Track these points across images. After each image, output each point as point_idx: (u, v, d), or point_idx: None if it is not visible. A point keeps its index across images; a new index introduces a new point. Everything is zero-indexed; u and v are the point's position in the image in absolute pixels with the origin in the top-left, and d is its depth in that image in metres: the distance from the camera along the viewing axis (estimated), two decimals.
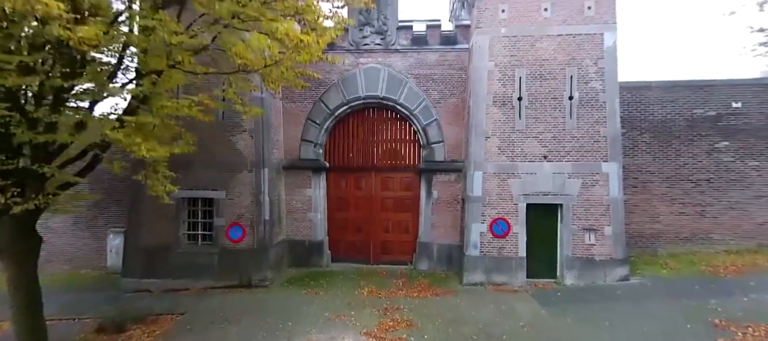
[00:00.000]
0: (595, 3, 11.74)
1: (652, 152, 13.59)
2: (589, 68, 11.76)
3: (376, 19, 13.93)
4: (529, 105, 11.96)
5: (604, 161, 11.69)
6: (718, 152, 13.37)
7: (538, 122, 11.91)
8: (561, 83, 11.85)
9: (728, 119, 13.32)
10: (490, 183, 12.01)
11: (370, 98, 14.07)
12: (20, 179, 6.26)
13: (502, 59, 12.05)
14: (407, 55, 13.94)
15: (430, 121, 13.85)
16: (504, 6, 12.04)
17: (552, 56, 11.87)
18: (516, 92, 12.00)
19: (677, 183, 13.52)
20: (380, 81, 13.96)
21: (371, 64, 14.00)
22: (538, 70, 11.93)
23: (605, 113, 11.71)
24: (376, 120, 14.64)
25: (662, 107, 13.53)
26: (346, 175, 14.81)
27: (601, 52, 11.74)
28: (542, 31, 11.90)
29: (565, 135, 11.81)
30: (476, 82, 12.26)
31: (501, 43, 12.06)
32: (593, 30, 11.75)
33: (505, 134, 12.03)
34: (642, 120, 13.63)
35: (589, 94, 11.76)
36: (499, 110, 12.06)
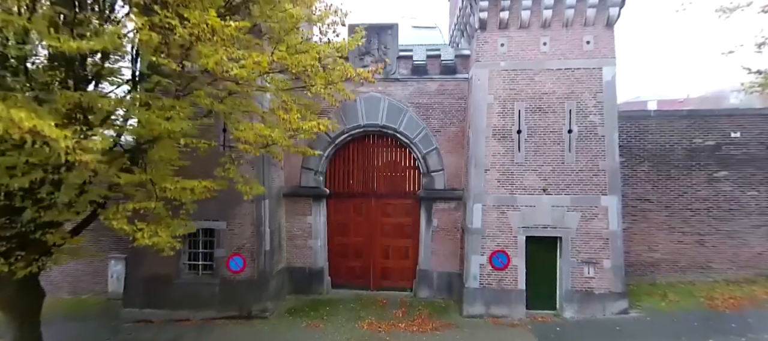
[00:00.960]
0: (594, 38, 11.82)
1: (651, 180, 13.65)
2: (588, 102, 11.83)
3: (377, 48, 14.01)
4: (529, 138, 12.02)
5: (603, 194, 11.75)
6: (716, 181, 13.43)
7: (537, 155, 11.98)
8: (560, 117, 11.92)
9: (727, 148, 13.39)
10: (490, 215, 12.06)
11: (371, 126, 14.14)
12: (22, 241, 6.31)
13: (502, 93, 12.13)
14: (407, 84, 14.02)
15: (430, 149, 13.92)
16: (503, 40, 12.12)
17: (551, 90, 11.94)
18: (515, 125, 12.07)
19: (676, 212, 13.58)
20: (380, 110, 14.04)
21: (371, 92, 14.07)
22: (537, 104, 12.00)
23: (604, 146, 11.78)
24: (377, 147, 14.72)
25: (661, 136, 13.59)
26: (347, 201, 14.88)
27: (600, 86, 11.81)
28: (541, 66, 11.97)
29: (565, 168, 11.87)
30: (476, 114, 12.34)
31: (500, 77, 12.14)
32: (592, 65, 11.82)
33: (505, 166, 12.09)
34: (641, 149, 13.69)
35: (588, 127, 11.83)
36: (498, 142, 12.12)
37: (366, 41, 13.62)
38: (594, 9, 11.60)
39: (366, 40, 13.47)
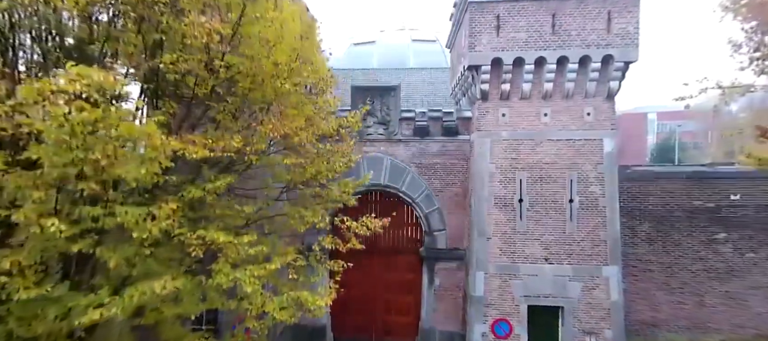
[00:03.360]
0: (594, 109, 11.97)
1: (652, 241, 13.78)
2: (589, 173, 11.97)
3: (380, 110, 14.15)
4: (530, 207, 12.15)
5: (605, 264, 11.88)
6: (716, 243, 13.56)
7: (538, 224, 12.10)
8: (561, 187, 12.05)
9: (727, 210, 13.52)
10: (492, 284, 12.18)
11: (374, 185, 14.25)
12: None
13: (503, 162, 12.27)
14: (409, 144, 14.15)
15: (432, 209, 14.04)
16: (504, 110, 12.26)
17: (552, 160, 12.08)
18: (517, 194, 12.20)
19: (676, 273, 13.70)
20: (383, 169, 14.17)
21: (375, 152, 14.21)
22: (538, 174, 12.13)
23: (605, 217, 11.91)
24: (379, 204, 14.82)
25: (662, 198, 13.73)
26: (349, 257, 14.94)
27: (601, 157, 11.95)
28: (542, 136, 12.12)
29: (566, 238, 12.00)
30: (478, 182, 12.47)
31: (501, 146, 12.28)
32: (592, 136, 11.97)
33: (507, 235, 12.22)
34: (642, 210, 13.82)
35: (588, 198, 11.96)
36: (500, 211, 12.25)
37: (369, 103, 13.88)
38: (594, 82, 11.75)
39: (369, 102, 13.77)
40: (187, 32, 4.87)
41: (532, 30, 11.60)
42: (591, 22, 11.40)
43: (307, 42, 7.26)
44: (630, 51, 11.36)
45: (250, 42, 5.75)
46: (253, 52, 5.72)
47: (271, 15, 5.71)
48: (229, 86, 6.09)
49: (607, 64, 11.57)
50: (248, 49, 5.72)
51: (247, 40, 5.81)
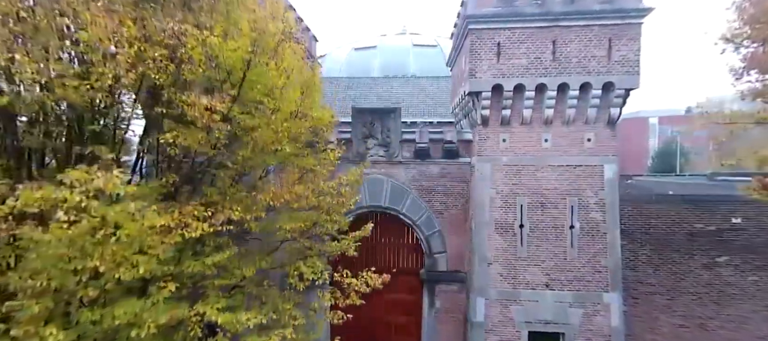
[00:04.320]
0: (595, 135, 11.95)
1: (653, 264, 13.75)
2: (590, 199, 11.95)
3: (380, 132, 14.14)
4: (531, 233, 12.14)
5: (606, 291, 11.86)
6: (717, 266, 13.53)
7: (539, 250, 12.09)
8: (562, 213, 12.04)
9: (728, 234, 13.49)
10: (493, 309, 12.17)
11: (375, 207, 14.26)
12: None
13: (504, 187, 12.26)
14: (410, 166, 14.14)
15: (432, 232, 14.03)
16: (505, 135, 12.26)
17: (553, 186, 12.07)
18: (518, 220, 12.19)
19: (678, 296, 13.66)
20: (384, 191, 14.16)
21: (375, 174, 14.20)
22: (539, 199, 12.12)
23: (606, 243, 11.90)
24: (380, 225, 14.81)
25: (663, 221, 13.70)
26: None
27: (602, 183, 11.93)
28: (543, 161, 12.11)
29: (567, 264, 11.98)
30: (478, 207, 12.46)
31: (502, 172, 12.27)
32: (593, 161, 11.96)
33: (508, 260, 12.21)
34: (643, 233, 13.79)
35: (589, 224, 11.95)
36: (501, 236, 12.24)
37: (369, 125, 13.94)
38: (595, 109, 11.74)
39: (369, 124, 13.82)
40: (188, 111, 4.88)
41: (533, 57, 11.60)
42: (592, 49, 11.39)
43: (308, 98, 7.27)
44: (631, 78, 11.35)
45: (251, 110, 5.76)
46: (253, 121, 5.73)
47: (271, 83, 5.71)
48: (229, 152, 6.09)
49: (608, 91, 11.56)
50: (249, 120, 5.74)
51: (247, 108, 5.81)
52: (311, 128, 7.95)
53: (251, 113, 5.80)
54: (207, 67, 5.41)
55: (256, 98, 5.78)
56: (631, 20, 11.15)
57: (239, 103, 5.64)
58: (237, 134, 5.81)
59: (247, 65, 5.50)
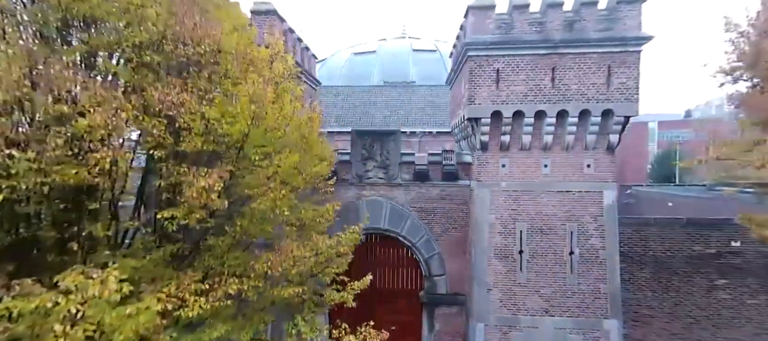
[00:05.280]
0: (594, 161, 11.95)
1: (652, 287, 13.74)
2: (589, 225, 11.95)
3: (379, 154, 14.14)
4: (531, 259, 12.13)
5: (605, 318, 11.85)
6: (717, 289, 13.53)
7: (539, 276, 12.08)
8: (561, 239, 12.03)
9: (727, 257, 13.49)
10: (492, 335, 12.16)
11: (373, 229, 14.23)
12: None
13: (503, 213, 12.25)
14: (409, 188, 14.13)
15: (432, 254, 14.02)
16: (504, 161, 12.25)
17: (552, 212, 12.06)
18: (517, 245, 12.18)
19: (677, 319, 13.66)
20: (383, 213, 14.15)
21: (374, 196, 14.20)
22: (538, 225, 12.12)
23: (605, 270, 11.89)
24: (380, 246, 14.81)
25: (662, 244, 13.70)
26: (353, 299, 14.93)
27: (601, 209, 11.93)
28: (542, 187, 12.10)
29: (566, 290, 11.97)
30: (478, 233, 12.45)
31: (501, 197, 12.26)
32: (592, 188, 11.95)
33: (507, 286, 12.20)
34: (642, 255, 13.78)
35: (589, 250, 11.94)
36: (500, 262, 12.23)
37: (369, 147, 13.94)
38: (594, 135, 11.73)
39: (369, 146, 13.82)
40: (186, 192, 4.86)
41: (532, 83, 11.59)
42: (591, 76, 11.38)
43: (307, 155, 7.25)
44: (630, 106, 11.34)
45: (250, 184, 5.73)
46: (251, 191, 5.71)
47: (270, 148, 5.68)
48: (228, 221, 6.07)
49: (607, 118, 11.56)
50: (248, 189, 5.72)
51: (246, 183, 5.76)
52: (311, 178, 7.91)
53: (249, 184, 5.80)
54: (205, 139, 5.40)
55: (255, 164, 5.77)
56: (630, 48, 11.15)
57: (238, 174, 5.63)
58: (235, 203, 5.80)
59: (244, 138, 5.49)
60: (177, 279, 4.98)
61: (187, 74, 5.55)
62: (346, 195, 14.10)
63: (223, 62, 5.83)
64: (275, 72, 7.12)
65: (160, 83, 5.06)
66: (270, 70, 6.95)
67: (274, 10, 12.19)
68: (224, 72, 5.91)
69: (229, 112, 5.42)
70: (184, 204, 4.87)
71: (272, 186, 5.85)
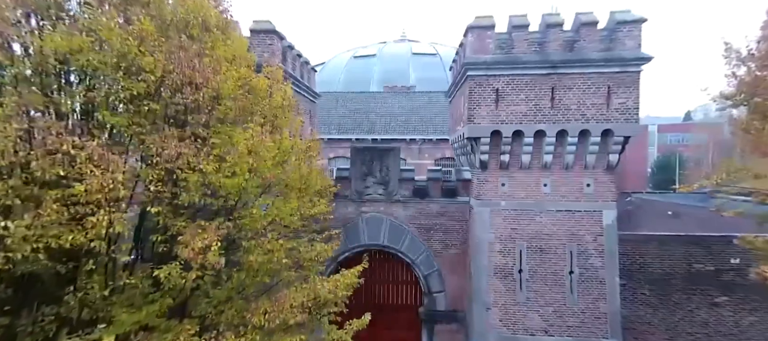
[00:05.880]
0: (594, 181, 11.93)
1: (652, 304, 13.72)
2: (589, 245, 11.93)
3: (379, 170, 14.11)
4: (530, 278, 12.11)
5: (605, 337, 11.83)
6: (717, 306, 13.50)
7: (538, 295, 12.07)
8: (561, 258, 12.01)
9: (727, 274, 13.47)
10: None
11: (373, 245, 14.22)
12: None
13: (503, 232, 12.23)
14: (408, 205, 14.10)
15: (431, 271, 14.00)
16: (504, 180, 12.23)
17: (552, 231, 12.04)
18: (517, 265, 12.16)
19: (677, 336, 13.63)
20: (382, 230, 14.13)
21: (374, 213, 14.17)
22: (538, 244, 12.09)
23: (605, 289, 11.87)
24: (379, 263, 14.78)
25: (662, 261, 13.68)
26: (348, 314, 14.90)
27: (601, 229, 11.91)
28: (542, 206, 12.08)
29: (566, 310, 11.95)
30: (477, 251, 12.43)
31: (501, 216, 12.24)
32: (592, 207, 11.93)
33: (507, 305, 12.18)
34: (642, 272, 13.76)
35: (589, 270, 11.92)
36: (500, 281, 12.21)
37: (368, 163, 13.92)
38: (594, 155, 11.71)
39: (368, 162, 13.80)
40: (182, 252, 4.83)
41: (532, 103, 11.57)
42: (590, 96, 11.36)
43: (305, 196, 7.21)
44: (629, 126, 11.32)
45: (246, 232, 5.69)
46: (248, 243, 5.69)
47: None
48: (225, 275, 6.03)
49: (607, 138, 11.54)
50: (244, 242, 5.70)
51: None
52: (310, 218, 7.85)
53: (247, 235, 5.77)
54: (202, 193, 5.38)
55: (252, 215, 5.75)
56: (629, 69, 11.13)
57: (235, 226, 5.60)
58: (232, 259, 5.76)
59: (242, 192, 5.47)
60: (173, 330, 4.96)
61: (185, 122, 5.54)
62: (346, 211, 14.09)
63: (222, 109, 5.80)
64: (274, 103, 7.12)
65: (158, 135, 5.03)
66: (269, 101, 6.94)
67: (273, 28, 12.17)
68: (223, 117, 5.89)
69: (226, 163, 5.39)
70: (181, 261, 4.85)
71: (270, 237, 5.82)
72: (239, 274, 5.88)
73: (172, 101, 5.29)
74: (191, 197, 5.20)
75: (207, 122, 5.74)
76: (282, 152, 6.26)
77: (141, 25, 4.93)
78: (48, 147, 4.19)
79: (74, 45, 4.43)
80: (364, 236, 14.20)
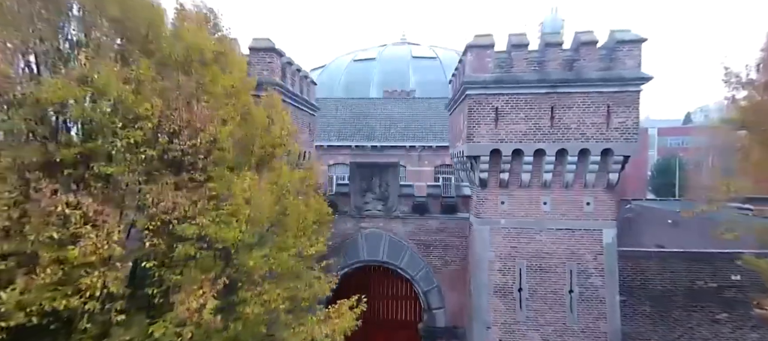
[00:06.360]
0: (594, 199, 11.88)
1: (653, 321, 13.65)
2: (589, 264, 11.89)
3: (378, 186, 14.08)
4: (530, 297, 12.07)
5: None
6: (718, 323, 13.45)
7: (538, 314, 12.02)
8: (561, 277, 11.97)
9: (728, 291, 13.42)
10: None
11: (372, 261, 14.20)
12: None
13: (503, 250, 12.19)
14: (408, 221, 14.08)
15: (431, 287, 13.96)
16: (504, 198, 12.18)
17: (552, 250, 12.00)
18: (516, 283, 12.12)
19: None
20: (382, 246, 14.10)
21: (372, 229, 14.15)
22: (538, 263, 12.05)
23: (605, 309, 11.83)
24: (379, 277, 14.78)
25: (662, 278, 13.63)
26: None
27: (601, 248, 11.87)
28: (542, 225, 12.03)
29: (566, 329, 11.90)
30: (477, 270, 12.39)
31: (501, 234, 12.20)
32: (592, 226, 11.89)
33: (507, 324, 12.13)
34: (642, 288, 13.71)
35: (588, 289, 11.88)
36: (500, 300, 12.17)
37: (368, 178, 13.90)
38: (593, 174, 11.66)
39: (368, 178, 13.78)
40: (177, 307, 4.79)
41: (531, 122, 11.53)
42: (590, 116, 11.32)
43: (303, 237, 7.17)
44: (629, 145, 11.28)
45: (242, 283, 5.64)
46: (244, 295, 5.65)
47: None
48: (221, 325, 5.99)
49: (607, 157, 11.49)
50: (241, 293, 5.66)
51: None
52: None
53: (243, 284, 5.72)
54: (198, 247, 5.33)
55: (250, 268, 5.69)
56: (629, 88, 11.09)
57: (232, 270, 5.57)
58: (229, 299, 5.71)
59: (239, 244, 5.43)
60: None
61: (182, 167, 5.50)
62: (345, 227, 14.07)
63: (219, 154, 5.75)
64: (273, 134, 7.07)
65: (154, 184, 5.00)
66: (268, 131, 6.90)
67: (272, 46, 12.14)
68: (220, 160, 5.84)
69: (223, 211, 5.36)
70: (175, 318, 4.82)
71: (266, 288, 5.77)
72: (236, 324, 5.84)
73: (170, 146, 5.26)
74: (187, 250, 5.16)
75: (204, 167, 5.71)
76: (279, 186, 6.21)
77: (139, 69, 4.89)
78: (43, 209, 4.16)
79: (70, 95, 4.39)
80: (363, 252, 14.17)
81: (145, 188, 4.97)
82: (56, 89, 4.35)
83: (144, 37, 5.75)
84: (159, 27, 5.99)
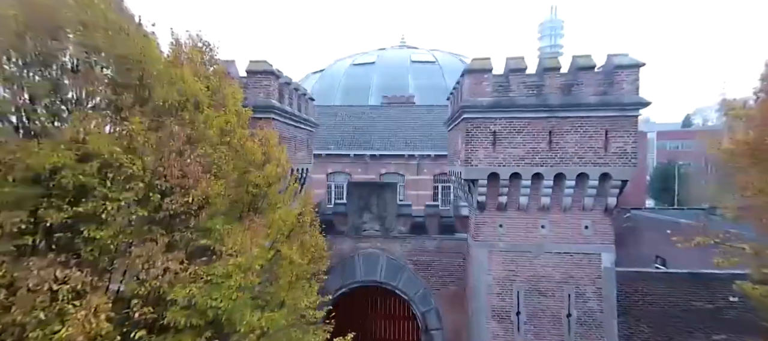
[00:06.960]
0: (593, 223, 11.84)
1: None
2: (587, 288, 11.84)
3: (376, 205, 14.04)
4: (528, 320, 12.02)
5: None
6: None
7: (537, 338, 11.97)
8: (559, 301, 11.93)
9: (726, 312, 13.38)
10: None
11: (369, 282, 14.14)
12: None
13: (501, 273, 12.14)
14: (406, 241, 14.04)
15: (428, 308, 13.92)
16: (502, 221, 12.14)
17: (550, 274, 11.95)
18: (515, 307, 12.07)
19: None
20: (379, 266, 14.05)
21: (370, 249, 14.10)
22: (536, 287, 12.01)
23: (603, 332, 11.78)
24: (377, 296, 14.74)
25: (660, 298, 13.59)
26: None
27: (599, 272, 11.82)
28: (540, 249, 11.99)
29: None
30: (475, 293, 12.35)
31: (499, 258, 12.15)
32: (591, 250, 11.85)
33: None
34: (641, 308, 13.67)
35: (587, 313, 11.84)
36: (498, 324, 12.12)
37: (365, 198, 13.85)
38: (591, 198, 11.62)
39: (365, 197, 13.73)
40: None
41: (529, 146, 11.48)
42: (588, 140, 11.27)
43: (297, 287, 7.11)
44: (627, 170, 11.23)
45: None
46: None
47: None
48: None
49: (605, 181, 11.45)
50: None
51: None
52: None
53: None
54: (190, 313, 5.26)
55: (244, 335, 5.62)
56: (628, 113, 11.05)
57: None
58: None
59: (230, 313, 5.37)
60: None
61: (173, 228, 5.44)
62: (342, 247, 14.03)
63: (212, 210, 5.70)
64: (269, 173, 7.03)
65: (145, 249, 4.94)
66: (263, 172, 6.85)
67: (270, 69, 12.08)
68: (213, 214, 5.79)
69: (215, 277, 5.29)
70: None
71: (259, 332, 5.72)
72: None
73: (161, 203, 5.20)
74: (176, 317, 5.09)
75: (196, 225, 5.65)
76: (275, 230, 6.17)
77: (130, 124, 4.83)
78: (30, 287, 4.10)
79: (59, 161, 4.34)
80: (360, 272, 14.13)
81: (135, 252, 4.91)
82: (50, 151, 4.30)
83: (138, 83, 5.67)
84: (153, 69, 5.89)
